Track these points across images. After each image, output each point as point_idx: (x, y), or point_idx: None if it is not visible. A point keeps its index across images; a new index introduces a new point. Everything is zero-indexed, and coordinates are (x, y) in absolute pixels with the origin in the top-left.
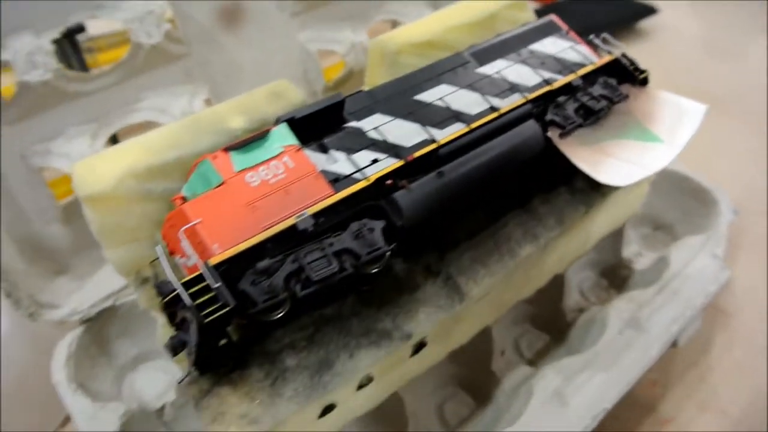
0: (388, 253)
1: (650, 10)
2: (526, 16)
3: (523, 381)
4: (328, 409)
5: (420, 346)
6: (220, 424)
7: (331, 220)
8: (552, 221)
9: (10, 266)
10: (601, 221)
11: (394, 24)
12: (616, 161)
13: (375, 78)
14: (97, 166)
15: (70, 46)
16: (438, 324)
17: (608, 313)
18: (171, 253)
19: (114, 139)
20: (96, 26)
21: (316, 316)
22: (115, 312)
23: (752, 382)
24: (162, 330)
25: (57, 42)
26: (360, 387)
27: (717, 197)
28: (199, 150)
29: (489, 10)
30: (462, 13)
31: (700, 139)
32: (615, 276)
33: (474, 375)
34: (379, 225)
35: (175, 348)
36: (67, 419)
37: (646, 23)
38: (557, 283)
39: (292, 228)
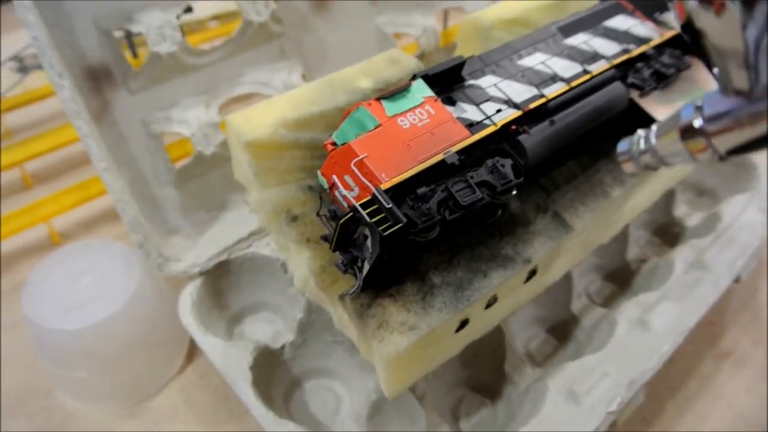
0: (516, 186)
1: None
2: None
3: (602, 318)
4: (463, 324)
5: (532, 274)
6: (385, 330)
7: (470, 157)
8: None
9: (138, 221)
10: (666, 175)
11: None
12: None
13: (467, 51)
14: (253, 117)
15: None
16: (549, 252)
17: (673, 258)
18: (330, 189)
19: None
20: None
21: (451, 244)
22: (228, 266)
23: None
24: (310, 262)
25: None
26: (487, 306)
27: (754, 161)
28: (336, 105)
29: None
30: None
31: None
32: (668, 234)
33: (555, 316)
34: (508, 162)
35: (346, 265)
36: (185, 364)
37: None
38: (622, 236)
39: (441, 162)
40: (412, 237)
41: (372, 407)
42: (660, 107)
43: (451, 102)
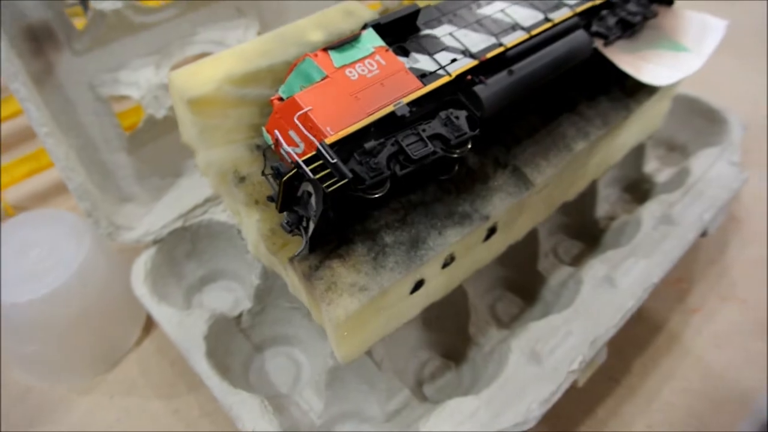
0: (471, 139)
1: None
2: None
3: (569, 276)
4: (418, 285)
5: (491, 232)
6: (333, 292)
7: (422, 109)
8: (599, 122)
9: (87, 189)
10: (635, 128)
11: None
12: (654, 66)
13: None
14: (196, 73)
15: None
16: (508, 210)
17: (641, 215)
18: (275, 145)
19: None
20: None
21: (404, 202)
22: (184, 233)
23: (766, 275)
24: (260, 224)
25: None
26: (444, 266)
27: (727, 116)
28: (286, 59)
29: None
30: None
31: (708, 65)
32: (638, 190)
33: (521, 276)
34: (463, 114)
35: (291, 225)
36: (142, 336)
37: None
38: (590, 192)
39: (391, 115)
40: (361, 194)
41: (329, 374)
42: (625, 56)
43: (405, 52)
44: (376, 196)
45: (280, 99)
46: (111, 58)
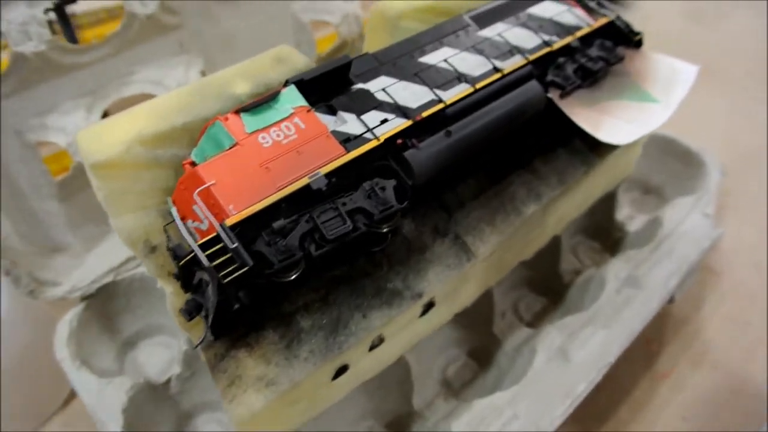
0: (400, 212)
1: None
2: None
3: (524, 342)
4: (341, 370)
5: (429, 306)
6: (238, 387)
7: (344, 179)
8: (554, 180)
9: (8, 244)
10: (598, 181)
11: None
12: (615, 120)
13: (375, 43)
14: (103, 133)
15: (61, 19)
16: (447, 283)
17: (605, 273)
18: (182, 218)
19: (105, 115)
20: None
21: (328, 278)
22: (116, 288)
23: (743, 335)
24: (172, 298)
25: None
26: (372, 348)
27: (704, 159)
28: (205, 115)
29: None
30: None
31: (685, 104)
32: (608, 238)
33: (476, 338)
34: (390, 184)
35: (191, 312)
36: (71, 395)
37: None
38: (553, 246)
39: (306, 188)
40: (271, 278)
41: None
42: (583, 109)
43: (332, 111)
44: (289, 279)
45: (193, 164)
46: (39, 101)
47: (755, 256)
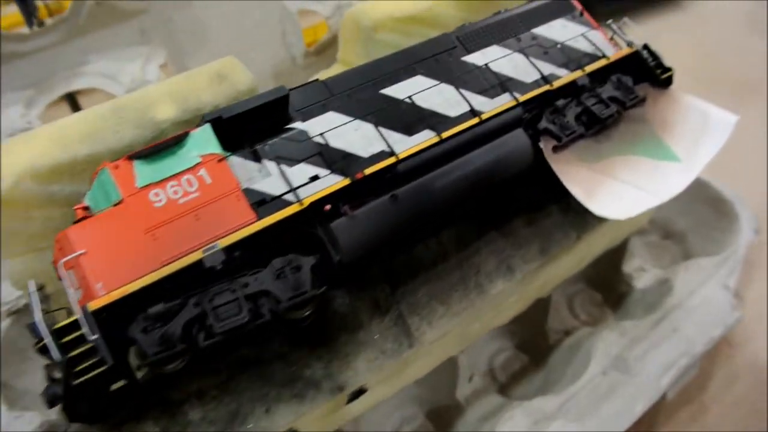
0: (317, 297)
1: None
2: None
3: (489, 414)
4: None
5: (359, 393)
6: None
7: (252, 253)
8: (534, 249)
9: None
10: (596, 243)
11: None
12: (619, 184)
13: (349, 53)
14: None
15: None
16: (380, 372)
17: (594, 345)
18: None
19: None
20: None
21: (234, 359)
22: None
23: (752, 424)
24: None
25: None
26: None
27: (738, 211)
28: (116, 146)
29: None
30: None
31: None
32: (612, 291)
33: (437, 399)
34: (308, 262)
35: (52, 400)
36: None
37: None
38: (542, 303)
39: (198, 264)
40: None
41: None
42: (578, 168)
43: (257, 158)
44: (168, 371)
45: (87, 209)
46: None
47: None
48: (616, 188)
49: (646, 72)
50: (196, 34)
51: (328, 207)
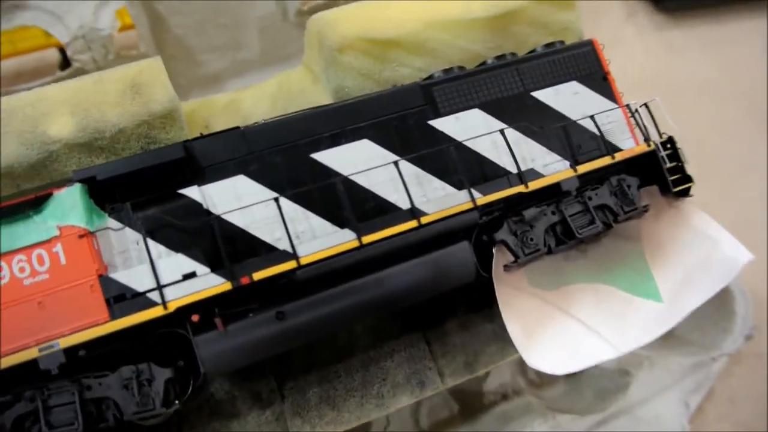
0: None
1: None
2: (569, 19)
3: None
4: None
5: None
6: None
7: (102, 354)
8: (459, 362)
9: None
10: None
11: None
12: (573, 324)
13: (311, 62)
14: None
15: None
16: None
17: (524, 426)
18: None
19: None
20: None
21: None
22: None
23: None
24: None
25: None
26: None
27: (737, 308)
28: None
29: (509, 2)
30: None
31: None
32: None
33: None
34: (163, 375)
35: None
36: None
37: None
38: None
39: (33, 363)
40: None
41: None
42: (528, 295)
43: (130, 236)
44: None
45: None
46: None
47: None
48: (567, 330)
49: (658, 176)
50: None
51: (195, 318)
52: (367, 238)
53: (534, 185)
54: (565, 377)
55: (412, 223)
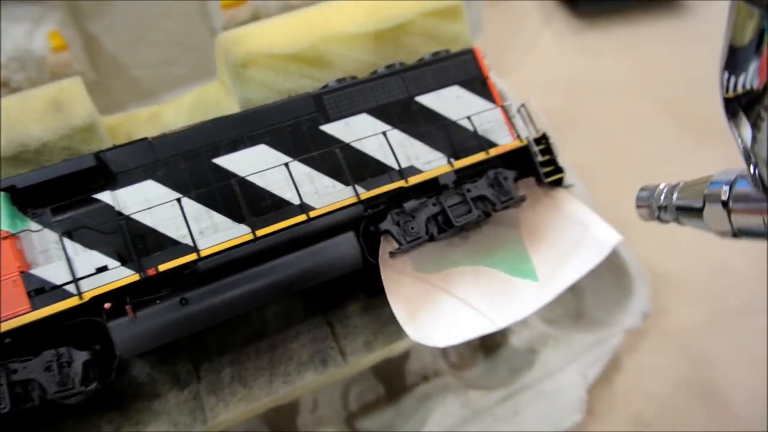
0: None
1: None
2: (457, 30)
3: None
4: None
5: None
6: None
7: (22, 342)
8: (359, 342)
9: None
10: None
11: None
12: (454, 302)
13: (224, 75)
14: None
15: None
16: None
17: (437, 406)
18: None
19: None
20: None
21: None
22: None
23: None
24: None
25: None
26: None
27: (634, 288)
28: None
29: (398, 16)
30: (355, 16)
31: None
32: (489, 336)
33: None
34: (81, 357)
35: None
36: None
37: None
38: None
39: None
40: None
41: None
42: (411, 279)
43: (49, 236)
44: None
45: None
46: None
47: None
48: (449, 307)
49: (533, 168)
50: None
51: (108, 306)
52: (260, 231)
53: (413, 180)
54: (482, 357)
55: (302, 217)
